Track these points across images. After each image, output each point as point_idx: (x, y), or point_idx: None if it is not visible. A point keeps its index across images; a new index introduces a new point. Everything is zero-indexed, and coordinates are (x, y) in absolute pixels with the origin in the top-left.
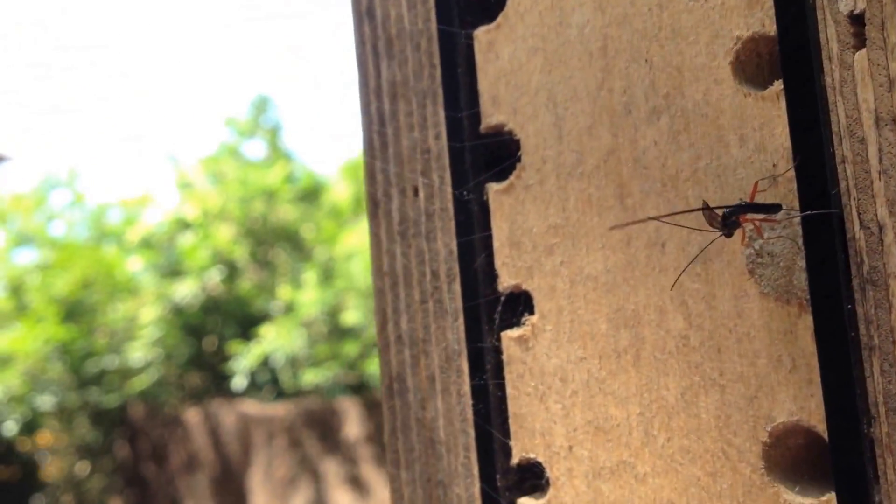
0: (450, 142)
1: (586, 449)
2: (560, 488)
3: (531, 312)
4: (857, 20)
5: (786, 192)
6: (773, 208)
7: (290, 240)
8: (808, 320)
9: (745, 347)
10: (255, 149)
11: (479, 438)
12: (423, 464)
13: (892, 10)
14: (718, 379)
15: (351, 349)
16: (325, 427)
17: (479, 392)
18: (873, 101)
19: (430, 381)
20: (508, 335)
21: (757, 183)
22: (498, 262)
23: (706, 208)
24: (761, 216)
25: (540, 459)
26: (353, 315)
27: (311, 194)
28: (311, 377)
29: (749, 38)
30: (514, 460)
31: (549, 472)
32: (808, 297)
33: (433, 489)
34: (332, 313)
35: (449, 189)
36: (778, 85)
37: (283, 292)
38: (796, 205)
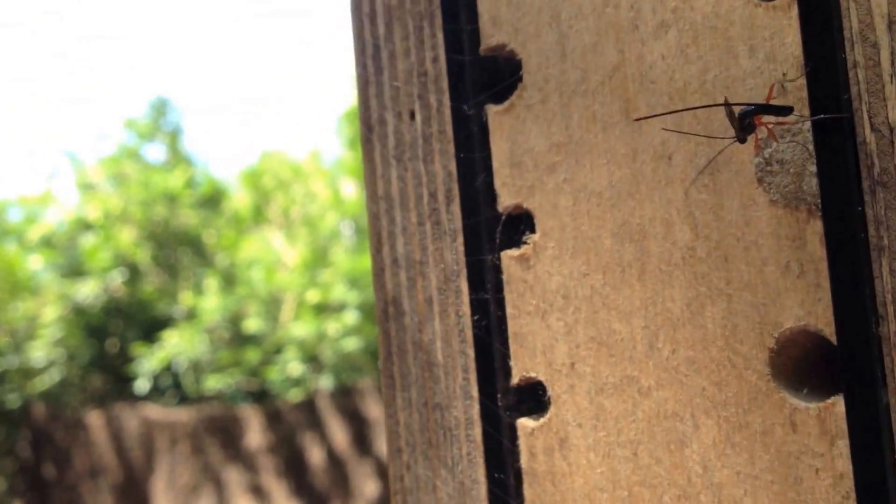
0: (448, 64)
1: (589, 365)
2: (561, 406)
3: (532, 232)
4: None
5: (796, 100)
6: (786, 110)
7: (192, 245)
8: (816, 225)
9: (752, 255)
10: (156, 152)
11: (478, 359)
12: (419, 387)
13: None
14: (725, 288)
15: (252, 356)
16: (227, 434)
17: (478, 312)
18: (886, 4)
19: (427, 304)
20: (509, 254)
21: (773, 86)
22: (498, 183)
23: (727, 104)
24: (774, 119)
25: (541, 378)
26: (254, 322)
27: (212, 200)
28: (213, 383)
29: None
30: (515, 380)
31: (551, 390)
32: (818, 201)
33: (430, 412)
34: (234, 320)
35: (447, 111)
36: None
37: (186, 297)
38: (808, 113)
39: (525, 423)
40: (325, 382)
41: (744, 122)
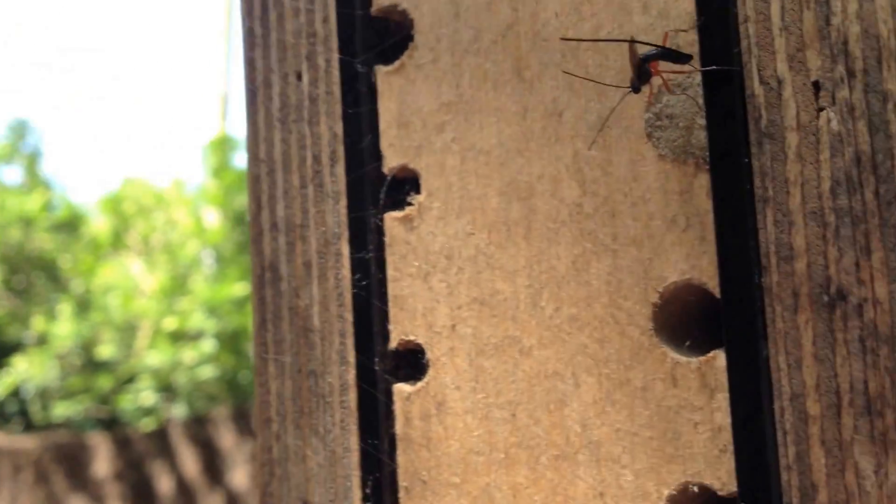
0: (339, 24)
1: (470, 326)
2: (440, 369)
3: (418, 193)
4: None
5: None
6: (685, 57)
7: (47, 269)
8: (703, 179)
9: (639, 210)
10: (13, 174)
11: (357, 324)
12: (294, 354)
13: None
14: (611, 244)
15: (105, 383)
16: (73, 462)
17: (359, 276)
18: None
19: (305, 268)
20: (392, 216)
21: (667, 35)
22: (384, 143)
23: (631, 41)
24: (671, 69)
25: (420, 341)
26: (108, 349)
27: (70, 225)
28: (62, 410)
29: None
30: (393, 344)
31: (430, 353)
32: (706, 154)
33: (304, 380)
34: (87, 346)
35: (335, 73)
36: None
37: (38, 322)
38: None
39: (402, 388)
40: (179, 411)
41: (643, 68)
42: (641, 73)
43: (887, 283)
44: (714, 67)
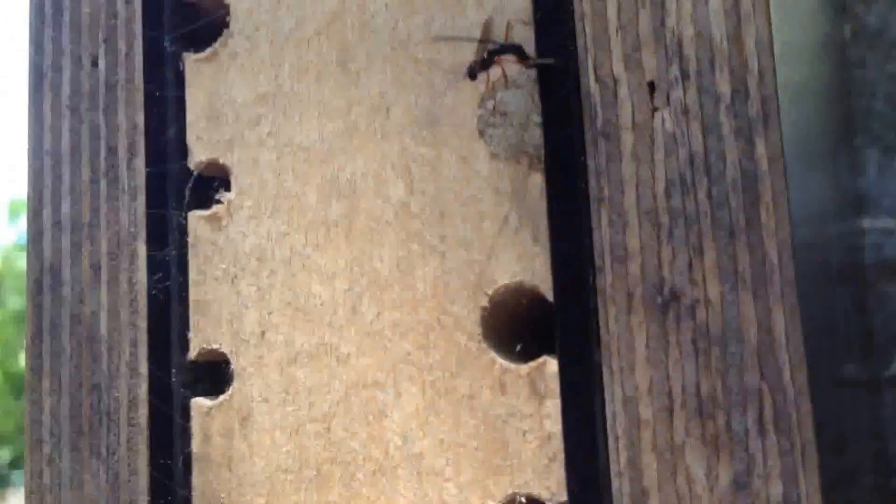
0: (144, 6)
1: (281, 333)
2: (247, 380)
3: (228, 190)
4: None
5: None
6: (528, 57)
7: None
8: (537, 178)
9: (469, 210)
10: None
11: (152, 332)
12: (74, 367)
13: None
14: (439, 245)
15: None
16: None
17: (157, 278)
18: None
19: (93, 271)
20: (197, 215)
21: (509, 25)
22: (191, 137)
23: (482, 41)
24: (513, 58)
25: (224, 350)
26: None
27: None
28: None
29: None
30: (193, 354)
31: (235, 364)
32: (541, 153)
33: (85, 396)
34: None
35: (138, 58)
36: None
37: None
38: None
39: (201, 403)
40: None
41: (488, 59)
42: (484, 62)
43: (719, 283)
44: (549, 61)
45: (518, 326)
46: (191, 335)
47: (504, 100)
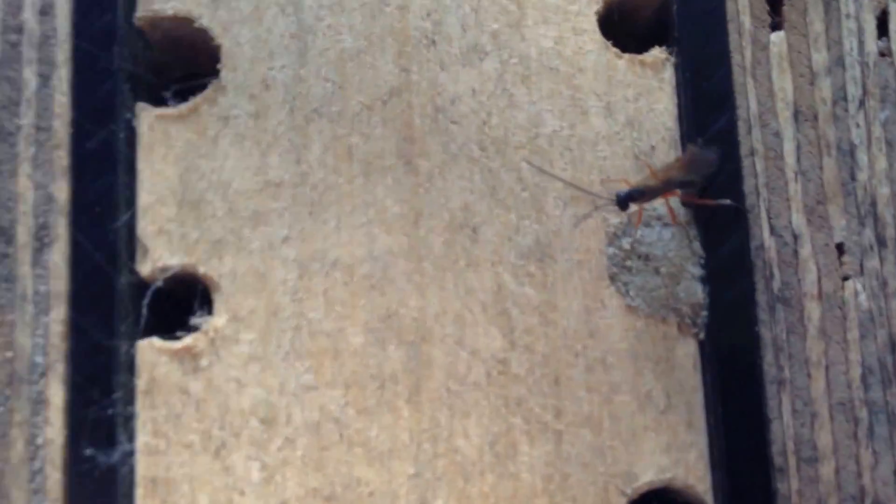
0: (78, 39)
1: None
2: None
3: (209, 313)
4: None
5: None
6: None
7: None
8: (690, 346)
9: (597, 378)
10: None
11: None
12: None
13: None
14: (553, 422)
15: None
16: None
17: (85, 437)
18: (792, 91)
19: None
20: (156, 346)
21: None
22: (152, 227)
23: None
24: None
25: None
26: None
27: None
28: None
29: None
30: None
31: None
32: (700, 315)
33: None
34: None
35: (60, 106)
36: (662, 51)
37: None
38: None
39: None
40: None
41: (634, 195)
42: (631, 197)
43: None
44: (727, 202)
45: None
46: None
47: (645, 239)
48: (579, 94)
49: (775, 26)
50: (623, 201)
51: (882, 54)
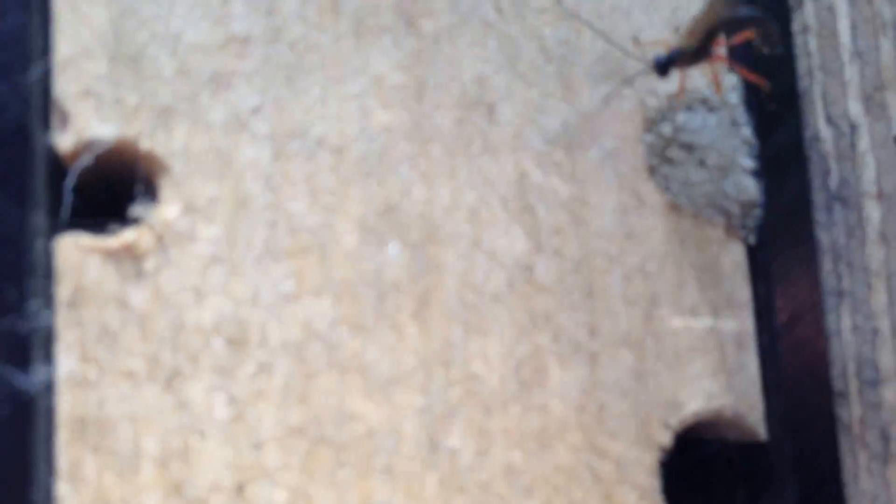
0: None
1: (285, 487)
2: None
3: (156, 200)
4: None
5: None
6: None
7: None
8: (738, 251)
9: (635, 290)
10: None
11: None
12: None
13: None
14: (586, 342)
15: None
16: None
17: None
18: None
19: None
20: (86, 243)
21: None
22: (74, 87)
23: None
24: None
25: None
26: None
27: None
28: None
29: None
30: None
31: None
32: (749, 214)
33: None
34: None
35: None
36: None
37: None
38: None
39: None
40: None
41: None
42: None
43: None
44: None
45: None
46: None
47: (689, 125)
48: None
49: None
50: (663, 66)
51: None
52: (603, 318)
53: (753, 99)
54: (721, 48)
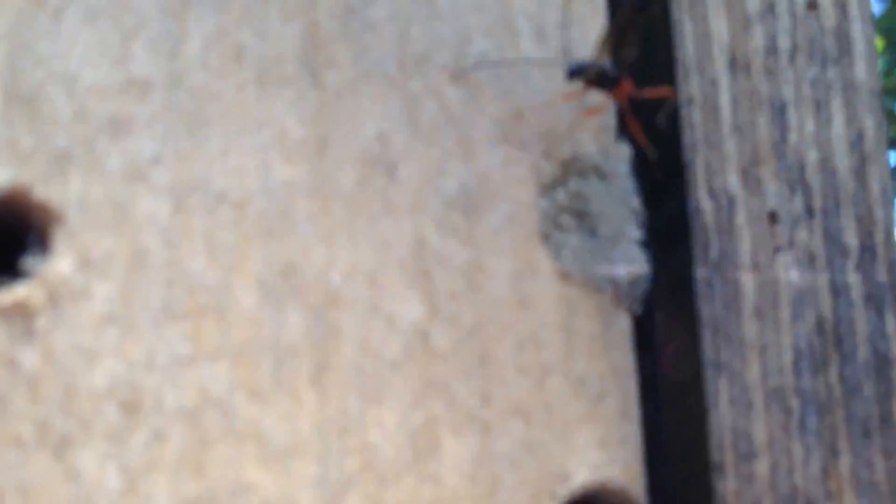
0: None
1: None
2: None
3: (46, 248)
4: None
5: (599, 129)
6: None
7: None
8: (624, 321)
9: (528, 358)
10: None
11: None
12: None
13: None
14: (479, 411)
15: None
16: None
17: None
18: (727, 36)
19: None
20: None
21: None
22: None
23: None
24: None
25: None
26: None
27: None
28: None
29: None
30: None
31: None
32: (636, 286)
33: None
34: None
35: None
36: None
37: None
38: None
39: None
40: None
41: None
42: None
43: (856, 499)
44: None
45: None
46: None
47: (581, 192)
48: (509, 11)
49: None
50: (571, 71)
51: (810, 7)
52: (496, 387)
53: (642, 169)
54: (628, 85)
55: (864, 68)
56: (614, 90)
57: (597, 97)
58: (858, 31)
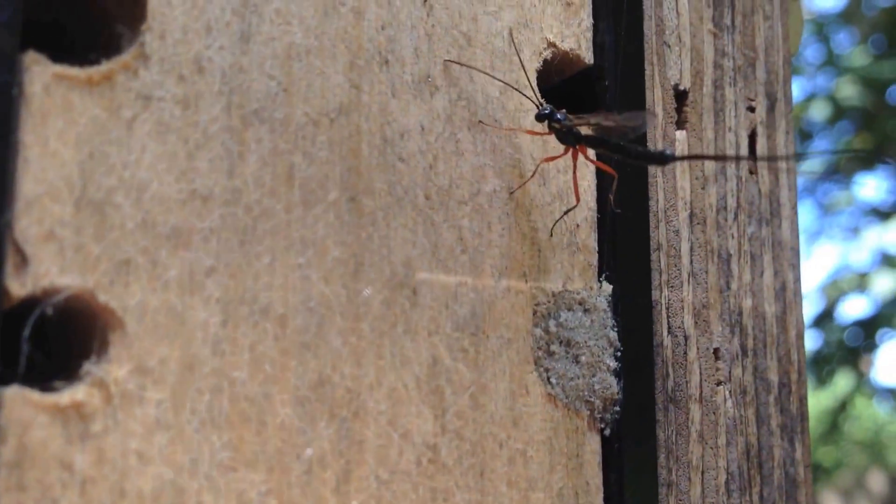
0: None
1: None
2: None
3: (105, 352)
4: (682, 97)
5: (585, 265)
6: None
7: None
8: (594, 442)
9: (517, 472)
10: None
11: None
12: None
13: (711, 104)
14: None
15: None
16: None
17: None
18: (689, 192)
19: None
20: (34, 399)
21: None
22: (37, 229)
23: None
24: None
25: None
26: None
27: None
28: None
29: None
30: None
31: None
32: (608, 411)
33: None
34: None
35: None
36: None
37: None
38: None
39: None
40: None
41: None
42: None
43: None
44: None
45: None
46: None
47: (568, 323)
48: (518, 155)
49: (679, 124)
50: (540, 116)
51: (751, 171)
52: (490, 499)
53: (619, 305)
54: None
55: (788, 228)
56: (573, 149)
57: (557, 147)
58: (786, 196)
